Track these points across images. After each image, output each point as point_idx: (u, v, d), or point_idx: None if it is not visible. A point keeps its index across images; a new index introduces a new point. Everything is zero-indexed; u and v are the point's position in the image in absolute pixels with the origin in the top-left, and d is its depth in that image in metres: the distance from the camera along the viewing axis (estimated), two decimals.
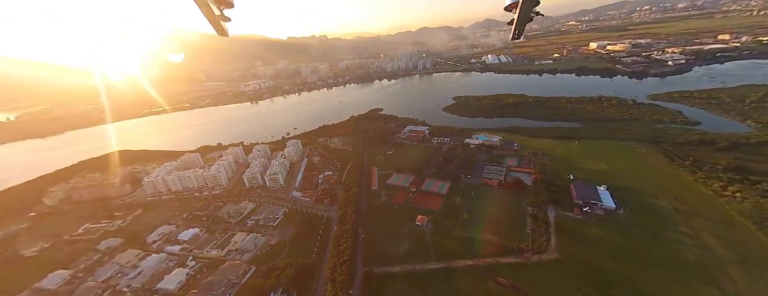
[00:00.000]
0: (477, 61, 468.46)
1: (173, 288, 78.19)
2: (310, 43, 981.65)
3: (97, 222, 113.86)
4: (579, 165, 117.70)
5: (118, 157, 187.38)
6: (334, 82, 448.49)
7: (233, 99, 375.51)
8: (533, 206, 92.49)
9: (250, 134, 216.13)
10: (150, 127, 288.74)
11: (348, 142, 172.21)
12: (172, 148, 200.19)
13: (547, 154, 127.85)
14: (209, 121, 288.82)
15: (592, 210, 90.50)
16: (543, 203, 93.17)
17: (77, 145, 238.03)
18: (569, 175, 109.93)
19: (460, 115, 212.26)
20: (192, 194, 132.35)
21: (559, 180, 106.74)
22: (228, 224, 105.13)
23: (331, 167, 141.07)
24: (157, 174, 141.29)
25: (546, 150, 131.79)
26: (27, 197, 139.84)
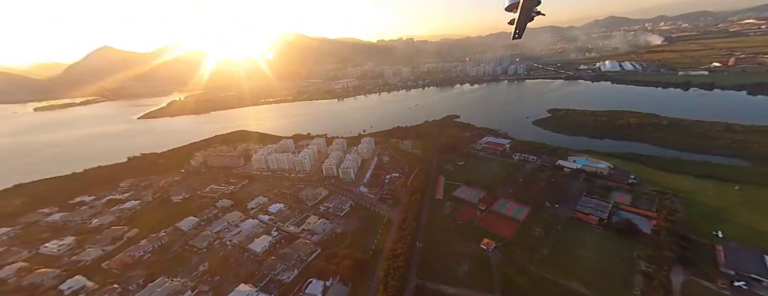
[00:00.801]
0: (588, 68, 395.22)
1: (259, 251, 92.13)
2: (396, 45, 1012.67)
3: (219, 185, 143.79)
4: (735, 219, 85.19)
5: (239, 136, 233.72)
6: (414, 84, 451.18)
7: (325, 95, 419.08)
8: (649, 262, 71.17)
9: (332, 128, 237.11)
10: (263, 113, 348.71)
11: (418, 146, 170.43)
12: (274, 132, 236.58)
13: (681, 197, 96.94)
14: (304, 112, 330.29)
15: (750, 288, 63.36)
16: (666, 261, 70.54)
17: (216, 123, 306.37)
18: (716, 231, 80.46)
19: (554, 131, 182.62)
20: (283, 174, 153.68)
21: (696, 236, 79.23)
22: (305, 205, 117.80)
23: (398, 169, 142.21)
24: (262, 153, 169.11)
25: (680, 191, 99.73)
26: (182, 157, 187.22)
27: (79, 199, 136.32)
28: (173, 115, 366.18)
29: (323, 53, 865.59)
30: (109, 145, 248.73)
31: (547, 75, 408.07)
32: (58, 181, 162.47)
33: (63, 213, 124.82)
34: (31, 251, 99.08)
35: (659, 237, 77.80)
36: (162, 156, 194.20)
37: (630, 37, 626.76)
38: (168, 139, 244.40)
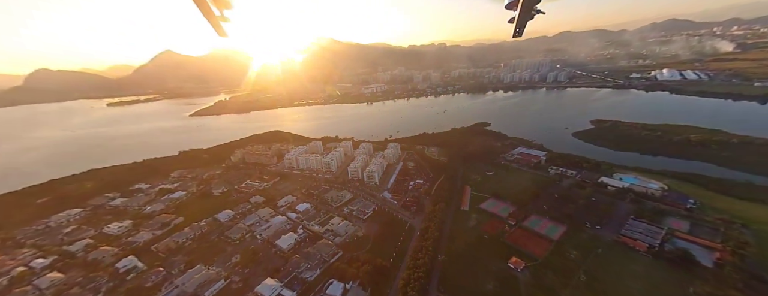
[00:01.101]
0: (642, 76, 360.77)
1: (285, 247, 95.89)
2: (427, 50, 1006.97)
3: (253, 181, 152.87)
4: None
5: (274, 135, 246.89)
6: (443, 90, 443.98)
7: (354, 99, 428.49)
8: None
9: (360, 131, 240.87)
10: (296, 115, 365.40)
11: (445, 153, 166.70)
12: (305, 133, 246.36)
13: (753, 228, 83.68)
14: (333, 115, 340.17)
15: None
16: None
17: (255, 122, 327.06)
18: None
19: (597, 144, 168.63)
20: (311, 174, 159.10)
21: None
22: (329, 207, 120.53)
23: (423, 176, 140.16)
24: (293, 153, 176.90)
25: (753, 222, 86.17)
26: (223, 153, 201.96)
27: (137, 186, 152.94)
28: (219, 113, 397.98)
29: (354, 58, 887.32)
30: (164, 138, 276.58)
31: (591, 83, 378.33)
32: (121, 169, 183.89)
33: (124, 198, 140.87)
34: (97, 230, 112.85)
35: (723, 273, 67.68)
36: (207, 151, 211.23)
37: (693, 43, 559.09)
38: (213, 135, 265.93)
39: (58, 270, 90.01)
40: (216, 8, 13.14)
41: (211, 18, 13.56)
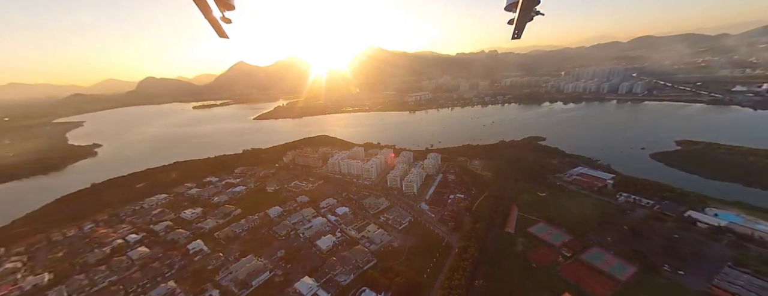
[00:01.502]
0: (749, 90, 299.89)
1: (324, 248, 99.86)
2: (475, 58, 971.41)
3: (301, 182, 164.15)
4: None
5: (321, 140, 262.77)
6: (492, 99, 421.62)
7: (398, 107, 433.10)
8: None
9: (401, 139, 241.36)
10: (342, 121, 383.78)
11: (490, 167, 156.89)
12: (349, 139, 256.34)
13: None
14: (376, 122, 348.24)
15: None
16: None
17: (306, 126, 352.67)
18: None
19: (684, 170, 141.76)
20: (351, 180, 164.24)
21: None
22: (366, 213, 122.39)
23: (464, 190, 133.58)
24: (336, 157, 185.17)
25: None
26: (278, 154, 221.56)
27: (208, 179, 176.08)
28: (276, 118, 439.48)
29: (399, 66, 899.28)
30: (232, 138, 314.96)
31: (678, 96, 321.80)
32: (198, 163, 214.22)
33: (198, 188, 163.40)
34: (175, 214, 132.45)
35: None
36: (265, 151, 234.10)
37: None
38: (270, 137, 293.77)
39: (146, 246, 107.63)
40: (217, 9, 13.15)
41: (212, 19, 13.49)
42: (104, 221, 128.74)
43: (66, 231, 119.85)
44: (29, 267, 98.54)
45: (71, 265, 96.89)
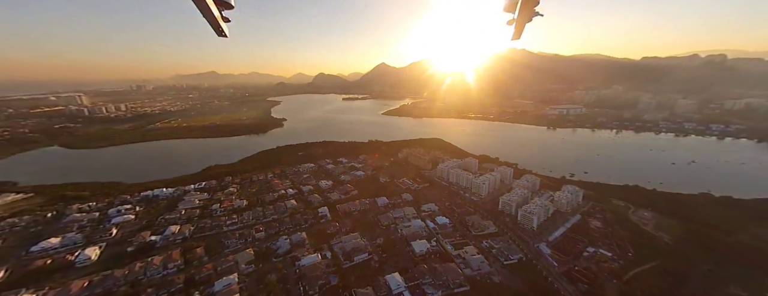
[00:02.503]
0: None
1: (417, 251, 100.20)
2: (678, 65, 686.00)
3: (408, 180, 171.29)
4: None
5: (435, 143, 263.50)
6: (700, 128, 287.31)
7: (532, 120, 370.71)
8: None
9: (528, 159, 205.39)
10: (460, 127, 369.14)
11: (672, 229, 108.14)
12: (464, 147, 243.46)
13: None
14: (500, 134, 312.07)
15: None
16: None
17: (424, 127, 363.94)
18: None
19: None
20: (458, 191, 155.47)
21: None
22: (468, 232, 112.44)
23: (613, 247, 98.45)
24: (447, 164, 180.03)
25: None
26: (394, 149, 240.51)
27: (340, 159, 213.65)
28: (400, 115, 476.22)
29: (543, 71, 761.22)
30: (362, 128, 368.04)
31: None
32: (336, 144, 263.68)
33: (332, 165, 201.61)
34: (315, 182, 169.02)
35: None
36: (385, 144, 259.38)
37: None
38: (392, 132, 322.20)
39: (295, 199, 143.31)
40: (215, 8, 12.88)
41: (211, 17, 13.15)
42: (276, 174, 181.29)
43: (258, 175, 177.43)
44: (238, 193, 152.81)
45: (257, 199, 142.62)
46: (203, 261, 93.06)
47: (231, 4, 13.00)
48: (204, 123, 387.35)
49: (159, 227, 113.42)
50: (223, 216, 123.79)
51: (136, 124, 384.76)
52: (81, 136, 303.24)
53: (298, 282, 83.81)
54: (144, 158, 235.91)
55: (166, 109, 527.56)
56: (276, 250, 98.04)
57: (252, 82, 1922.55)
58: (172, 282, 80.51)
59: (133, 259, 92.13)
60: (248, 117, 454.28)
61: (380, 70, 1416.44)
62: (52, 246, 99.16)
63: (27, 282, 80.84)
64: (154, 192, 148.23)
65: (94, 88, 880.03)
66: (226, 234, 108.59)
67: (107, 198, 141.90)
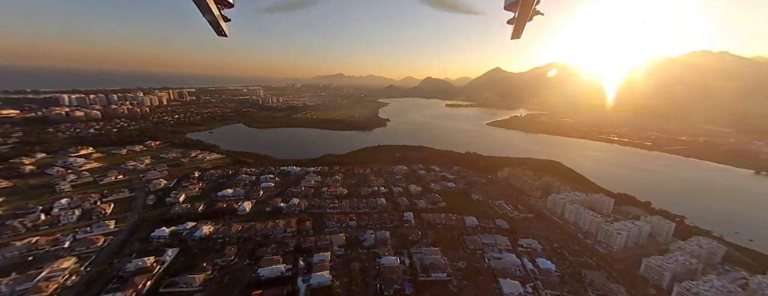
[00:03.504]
0: None
1: (506, 292, 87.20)
2: None
3: (507, 204, 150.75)
4: None
5: (549, 166, 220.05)
6: None
7: (725, 156, 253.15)
8: None
9: (699, 213, 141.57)
10: (591, 151, 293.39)
11: None
12: (592, 178, 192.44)
13: None
14: (657, 170, 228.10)
15: None
16: None
17: (537, 145, 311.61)
18: None
19: None
20: (575, 233, 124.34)
21: None
22: (582, 291, 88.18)
23: None
24: (563, 196, 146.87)
25: None
26: (494, 165, 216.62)
27: (433, 167, 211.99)
28: (508, 127, 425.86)
29: (753, 86, 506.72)
30: (460, 137, 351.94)
31: None
32: (431, 151, 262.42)
33: (423, 171, 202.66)
34: (406, 185, 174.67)
35: None
36: (483, 158, 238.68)
37: None
38: (493, 146, 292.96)
39: (385, 199, 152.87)
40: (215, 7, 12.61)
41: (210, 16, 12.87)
42: (373, 171, 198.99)
43: (359, 168, 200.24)
44: (342, 181, 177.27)
45: (355, 191, 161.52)
46: (309, 233, 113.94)
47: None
48: (327, 117, 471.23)
49: (286, 197, 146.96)
50: (328, 199, 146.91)
51: (287, 113, 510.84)
52: (255, 118, 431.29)
53: (376, 279, 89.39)
54: (286, 140, 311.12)
55: (306, 103, 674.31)
56: (362, 242, 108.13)
57: (367, 84, 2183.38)
58: (286, 244, 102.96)
59: (268, 218, 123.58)
60: (360, 115, 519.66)
61: (493, 75, 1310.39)
62: (227, 195, 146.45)
63: (212, 217, 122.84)
64: (287, 168, 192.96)
65: (266, 84, 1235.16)
66: (327, 215, 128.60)
67: (261, 167, 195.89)
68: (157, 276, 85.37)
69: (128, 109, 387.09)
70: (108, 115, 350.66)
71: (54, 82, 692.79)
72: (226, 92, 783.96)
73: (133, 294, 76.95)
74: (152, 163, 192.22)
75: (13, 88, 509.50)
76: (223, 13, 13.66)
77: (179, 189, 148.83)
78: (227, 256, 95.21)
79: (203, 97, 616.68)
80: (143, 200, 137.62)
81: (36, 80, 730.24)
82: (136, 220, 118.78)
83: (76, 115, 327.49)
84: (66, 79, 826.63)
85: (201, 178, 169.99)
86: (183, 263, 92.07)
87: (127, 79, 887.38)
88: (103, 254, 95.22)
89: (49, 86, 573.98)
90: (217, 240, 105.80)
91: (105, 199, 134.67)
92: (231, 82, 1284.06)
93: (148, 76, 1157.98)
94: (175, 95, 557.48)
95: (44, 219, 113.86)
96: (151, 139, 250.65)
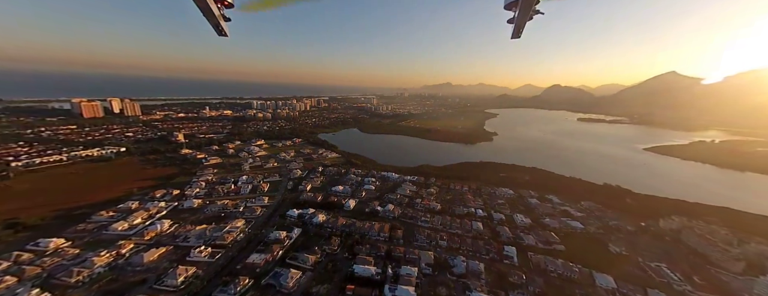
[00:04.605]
0: None
1: None
2: None
3: (670, 270, 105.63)
4: None
5: (763, 225, 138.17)
6: None
7: None
8: None
9: None
10: None
11: None
12: None
13: None
14: None
15: None
16: None
17: (739, 190, 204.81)
18: None
19: None
20: None
21: None
22: None
23: None
24: None
25: None
26: (653, 209, 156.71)
27: (550, 196, 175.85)
28: (684, 157, 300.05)
29: None
30: (597, 163, 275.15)
31: None
32: (549, 176, 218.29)
33: (537, 201, 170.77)
34: (511, 214, 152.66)
35: None
36: (634, 197, 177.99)
37: None
38: (654, 182, 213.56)
39: (482, 223, 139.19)
40: (215, 7, 12.43)
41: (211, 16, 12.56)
42: (471, 190, 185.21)
43: (455, 184, 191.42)
44: (436, 195, 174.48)
45: (448, 208, 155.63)
46: (399, 242, 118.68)
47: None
48: (429, 126, 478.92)
49: (383, 201, 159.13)
50: (421, 211, 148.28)
51: (393, 120, 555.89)
52: (366, 124, 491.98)
53: None
54: (388, 145, 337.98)
55: (411, 111, 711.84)
56: (452, 267, 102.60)
57: (476, 93, 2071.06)
58: (378, 247, 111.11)
59: (366, 218, 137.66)
60: (463, 126, 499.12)
61: (662, 82, 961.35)
62: (338, 191, 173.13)
63: (326, 207, 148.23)
64: (387, 174, 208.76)
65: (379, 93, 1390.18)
66: (418, 228, 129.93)
67: (366, 169, 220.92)
68: (286, 248, 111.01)
69: (286, 112, 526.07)
70: (275, 117, 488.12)
71: (245, 91, 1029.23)
72: (350, 100, 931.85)
73: (270, 258, 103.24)
74: (294, 156, 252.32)
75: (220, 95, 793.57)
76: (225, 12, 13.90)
77: (307, 180, 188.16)
78: (332, 245, 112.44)
79: (332, 105, 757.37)
80: (286, 184, 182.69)
81: (200, 89, 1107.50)
82: (279, 200, 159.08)
83: (258, 116, 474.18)
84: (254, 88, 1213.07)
85: (322, 173, 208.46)
86: (303, 242, 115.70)
87: (286, 90, 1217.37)
88: (258, 221, 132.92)
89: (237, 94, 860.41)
90: (327, 229, 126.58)
91: (265, 180, 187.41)
92: (354, 92, 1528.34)
93: (300, 87, 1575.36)
94: (314, 103, 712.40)
95: (232, 188, 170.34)
96: (296, 137, 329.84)
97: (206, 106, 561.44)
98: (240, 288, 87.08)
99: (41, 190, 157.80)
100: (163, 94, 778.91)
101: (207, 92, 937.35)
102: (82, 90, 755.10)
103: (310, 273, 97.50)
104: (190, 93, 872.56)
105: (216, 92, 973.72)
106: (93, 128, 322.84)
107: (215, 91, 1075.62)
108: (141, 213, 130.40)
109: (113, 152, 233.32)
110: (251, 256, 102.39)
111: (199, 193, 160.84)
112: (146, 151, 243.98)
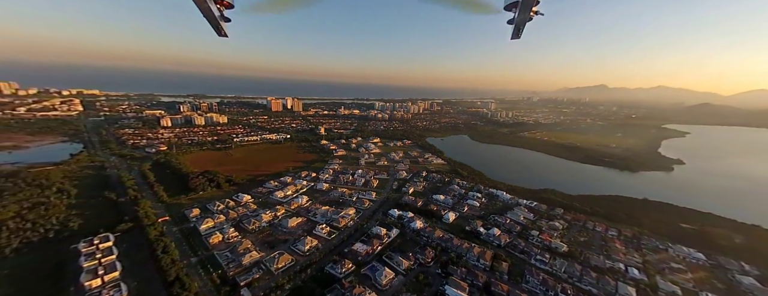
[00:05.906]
0: None
1: None
2: None
3: None
4: None
5: None
6: None
7: None
8: None
9: None
10: None
11: None
12: None
13: None
14: None
15: None
16: None
17: None
18: None
19: None
20: None
21: None
22: None
23: None
24: None
25: None
26: None
27: (689, 226, 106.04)
28: None
29: None
30: None
31: None
32: None
33: (754, 281, 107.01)
34: (695, 287, 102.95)
35: None
36: None
37: None
38: None
39: (637, 290, 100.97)
40: (215, 7, 13.34)
41: (211, 17, 13.55)
42: (625, 237, 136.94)
43: (597, 224, 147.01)
44: (562, 233, 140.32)
45: (581, 253, 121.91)
46: (503, 278, 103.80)
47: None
48: (563, 141, 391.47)
49: (488, 223, 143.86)
50: (538, 247, 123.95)
51: (513, 129, 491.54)
52: (479, 131, 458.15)
53: None
54: (503, 158, 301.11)
55: (539, 120, 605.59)
56: None
57: (650, 100, 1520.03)
58: (476, 275, 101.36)
59: (465, 237, 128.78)
60: (619, 145, 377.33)
61: None
62: (439, 200, 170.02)
63: (424, 214, 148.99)
64: (496, 192, 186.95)
65: (500, 97, 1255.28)
66: (529, 267, 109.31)
67: (472, 182, 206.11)
68: (384, 245, 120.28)
69: (401, 114, 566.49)
70: (391, 118, 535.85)
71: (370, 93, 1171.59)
72: (464, 104, 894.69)
73: (371, 250, 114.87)
74: (402, 157, 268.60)
75: None
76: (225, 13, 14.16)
77: (411, 183, 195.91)
78: (426, 256, 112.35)
79: (445, 108, 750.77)
80: (391, 184, 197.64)
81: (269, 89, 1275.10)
82: (384, 197, 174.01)
83: (378, 116, 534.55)
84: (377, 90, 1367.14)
85: (426, 178, 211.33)
86: (399, 244, 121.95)
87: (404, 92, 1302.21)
88: (365, 213, 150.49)
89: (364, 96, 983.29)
90: (423, 237, 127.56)
91: (375, 176, 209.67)
92: (470, 95, 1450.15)
93: (414, 90, 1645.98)
94: (427, 105, 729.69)
95: (350, 179, 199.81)
96: (406, 139, 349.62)
97: (341, 105, 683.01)
98: (345, 270, 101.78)
99: (245, 160, 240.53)
100: (316, 94, 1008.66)
101: (341, 94, 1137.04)
102: (275, 91, 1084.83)
103: (402, 277, 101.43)
104: (333, 94, 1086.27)
105: (348, 93, 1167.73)
106: (275, 118, 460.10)
107: (348, 93, 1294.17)
108: (291, 187, 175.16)
109: (283, 138, 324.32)
110: (356, 244, 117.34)
111: (328, 179, 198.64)
112: (301, 139, 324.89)
